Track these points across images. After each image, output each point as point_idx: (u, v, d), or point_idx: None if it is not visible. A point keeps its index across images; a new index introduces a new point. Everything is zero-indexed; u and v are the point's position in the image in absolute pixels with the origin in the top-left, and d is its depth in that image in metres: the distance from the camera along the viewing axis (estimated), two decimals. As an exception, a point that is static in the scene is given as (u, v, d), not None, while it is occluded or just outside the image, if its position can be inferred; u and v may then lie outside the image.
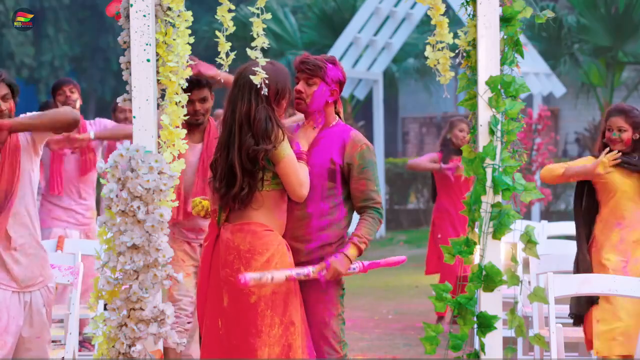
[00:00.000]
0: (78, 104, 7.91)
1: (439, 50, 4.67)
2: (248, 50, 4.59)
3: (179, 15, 4.51)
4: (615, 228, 6.15)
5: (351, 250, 4.83)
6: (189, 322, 6.20)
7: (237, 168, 4.74)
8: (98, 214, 8.45)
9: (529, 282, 6.29)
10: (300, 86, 4.95)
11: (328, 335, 4.94)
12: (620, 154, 6.11)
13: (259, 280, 4.58)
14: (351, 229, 4.99)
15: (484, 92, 4.52)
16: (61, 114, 4.69)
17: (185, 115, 4.61)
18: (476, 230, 4.53)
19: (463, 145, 9.68)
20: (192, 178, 6.15)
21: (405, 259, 5.04)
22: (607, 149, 6.15)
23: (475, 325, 4.52)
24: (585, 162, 6.23)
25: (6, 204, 4.80)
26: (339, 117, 5.07)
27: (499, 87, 4.50)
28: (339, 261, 4.78)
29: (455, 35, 4.63)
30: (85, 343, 7.46)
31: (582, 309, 6.10)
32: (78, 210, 7.89)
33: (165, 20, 4.49)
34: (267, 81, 4.66)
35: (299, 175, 4.76)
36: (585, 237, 6.20)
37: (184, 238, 6.32)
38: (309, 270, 4.74)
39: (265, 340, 4.67)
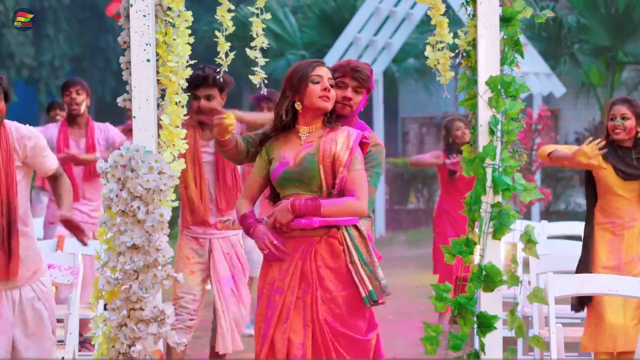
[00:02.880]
0: (84, 105, 7.93)
1: (439, 50, 4.67)
2: (247, 50, 4.59)
3: (179, 15, 4.50)
4: (609, 225, 6.15)
5: None
6: (191, 319, 6.21)
7: None
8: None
9: (529, 282, 6.29)
10: (350, 94, 4.88)
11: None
12: (603, 142, 6.05)
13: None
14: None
15: (484, 92, 4.52)
16: None
17: (185, 115, 4.60)
18: (476, 230, 4.53)
19: (466, 141, 9.71)
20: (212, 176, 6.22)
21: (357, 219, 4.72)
22: (590, 138, 6.10)
23: (475, 325, 4.53)
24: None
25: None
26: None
27: (499, 87, 4.49)
28: (280, 210, 4.65)
29: (455, 35, 4.63)
30: (85, 343, 7.46)
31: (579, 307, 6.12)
32: (83, 209, 7.88)
33: (165, 20, 4.49)
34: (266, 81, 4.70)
35: None
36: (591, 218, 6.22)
37: (192, 234, 6.32)
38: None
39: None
